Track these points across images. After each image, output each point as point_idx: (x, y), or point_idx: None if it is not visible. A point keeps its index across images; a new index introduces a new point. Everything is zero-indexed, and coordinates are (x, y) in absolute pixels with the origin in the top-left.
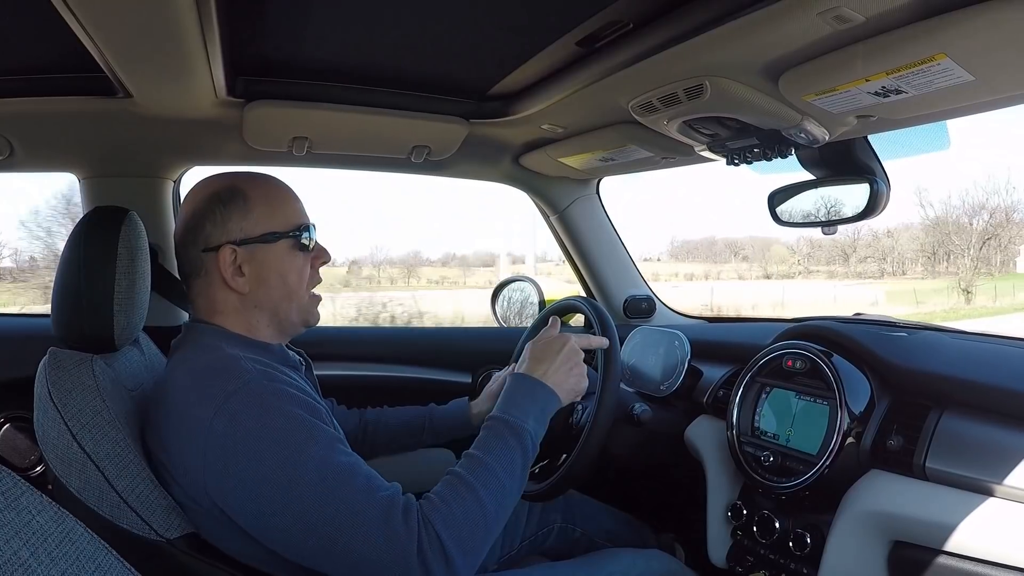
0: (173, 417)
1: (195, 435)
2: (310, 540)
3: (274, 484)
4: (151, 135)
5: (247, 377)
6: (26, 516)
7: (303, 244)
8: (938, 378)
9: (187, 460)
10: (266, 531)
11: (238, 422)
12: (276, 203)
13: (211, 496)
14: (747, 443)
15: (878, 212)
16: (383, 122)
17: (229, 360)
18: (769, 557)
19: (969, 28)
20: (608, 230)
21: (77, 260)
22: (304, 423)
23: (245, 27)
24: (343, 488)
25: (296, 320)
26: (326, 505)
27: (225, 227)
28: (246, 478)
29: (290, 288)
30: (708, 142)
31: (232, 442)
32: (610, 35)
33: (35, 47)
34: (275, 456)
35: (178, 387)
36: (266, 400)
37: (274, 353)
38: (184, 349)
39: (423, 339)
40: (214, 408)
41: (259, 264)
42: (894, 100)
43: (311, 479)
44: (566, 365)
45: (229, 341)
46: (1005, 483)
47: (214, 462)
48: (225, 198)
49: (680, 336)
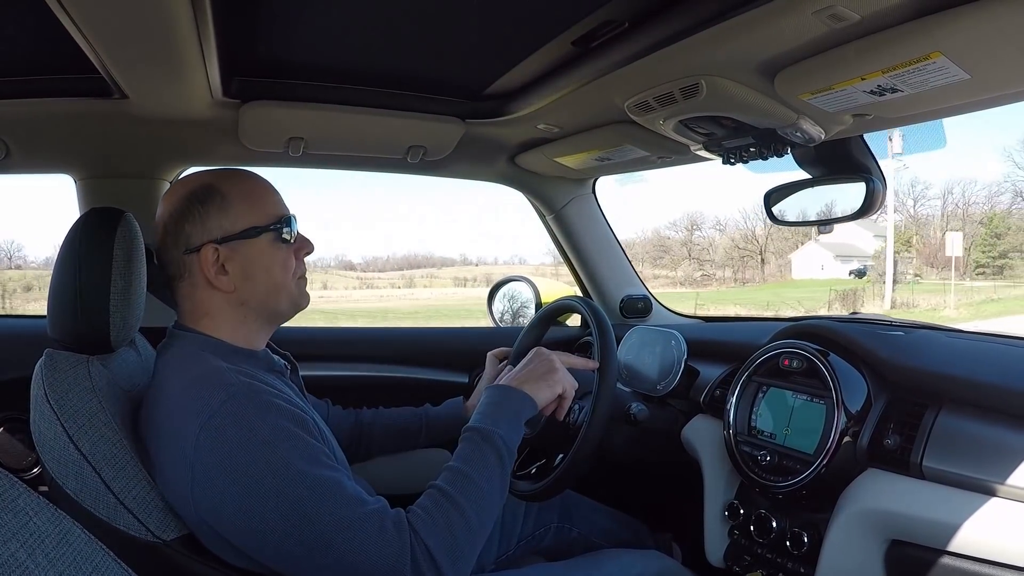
0: (159, 429)
1: (181, 450)
2: (300, 553)
3: (261, 499)
4: (147, 136)
5: (232, 391)
6: (23, 518)
7: (285, 236)
8: (935, 377)
9: (174, 473)
10: (256, 546)
11: (224, 437)
12: (254, 197)
13: (198, 510)
14: (744, 442)
15: (874, 211)
16: (379, 122)
17: (213, 373)
18: (766, 556)
19: (964, 26)
20: (604, 230)
21: (73, 261)
22: (289, 436)
23: (241, 28)
24: (331, 501)
25: (287, 308)
26: (315, 519)
27: (205, 226)
28: (233, 493)
29: (276, 281)
30: (704, 141)
31: (218, 457)
32: (605, 35)
33: (31, 48)
34: (261, 471)
35: (163, 399)
36: (251, 414)
37: (259, 360)
38: (169, 357)
39: (419, 339)
40: (200, 423)
41: (243, 260)
42: (890, 99)
43: (298, 493)
44: (538, 369)
45: (213, 349)
46: (1002, 481)
47: (201, 476)
48: (202, 197)
49: (677, 336)
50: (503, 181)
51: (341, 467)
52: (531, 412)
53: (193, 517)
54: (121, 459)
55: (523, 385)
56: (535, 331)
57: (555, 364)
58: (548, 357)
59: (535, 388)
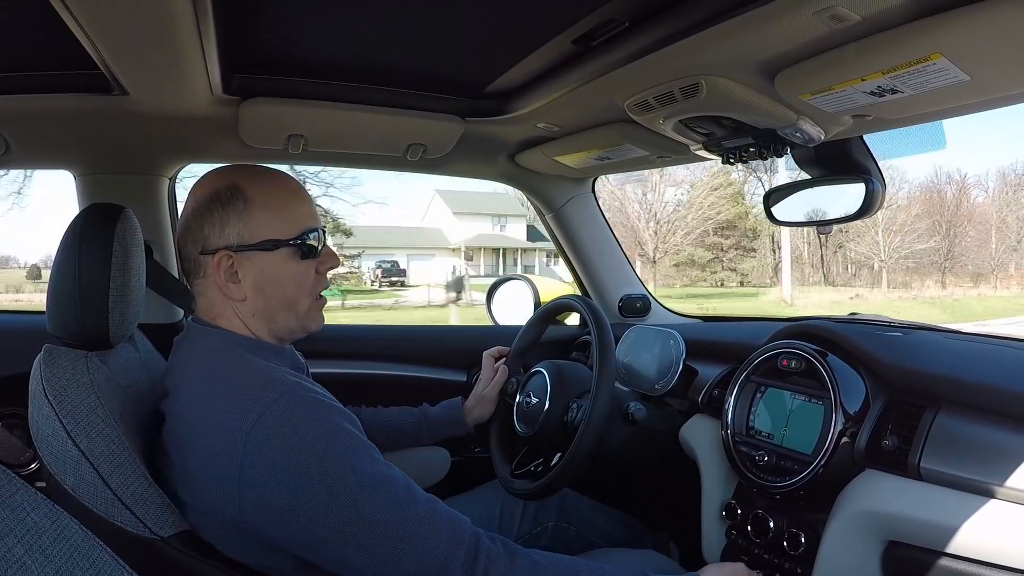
0: (195, 427)
1: (228, 447)
2: (350, 549)
3: (314, 495)
4: (147, 132)
5: (282, 388)
6: (20, 513)
7: (306, 250)
8: (933, 378)
9: (214, 470)
10: (307, 541)
11: (277, 434)
12: (278, 206)
13: (243, 508)
14: (742, 442)
15: (873, 211)
16: (379, 120)
17: (261, 372)
18: (763, 556)
19: (965, 28)
20: (604, 229)
21: (73, 257)
22: (343, 432)
23: (241, 24)
24: (384, 497)
25: (296, 328)
26: (369, 515)
27: (223, 231)
28: (286, 489)
29: (288, 298)
30: (704, 141)
31: (271, 456)
32: (606, 34)
33: (31, 44)
34: (315, 467)
35: (199, 395)
36: (304, 411)
37: (285, 357)
38: (192, 351)
39: (418, 337)
40: (251, 420)
41: (256, 272)
42: (890, 100)
43: (352, 490)
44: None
45: (243, 345)
46: (1000, 483)
47: (250, 473)
48: (224, 199)
49: (675, 335)
50: (503, 179)
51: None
52: None
53: (234, 515)
54: (119, 455)
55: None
56: (534, 330)
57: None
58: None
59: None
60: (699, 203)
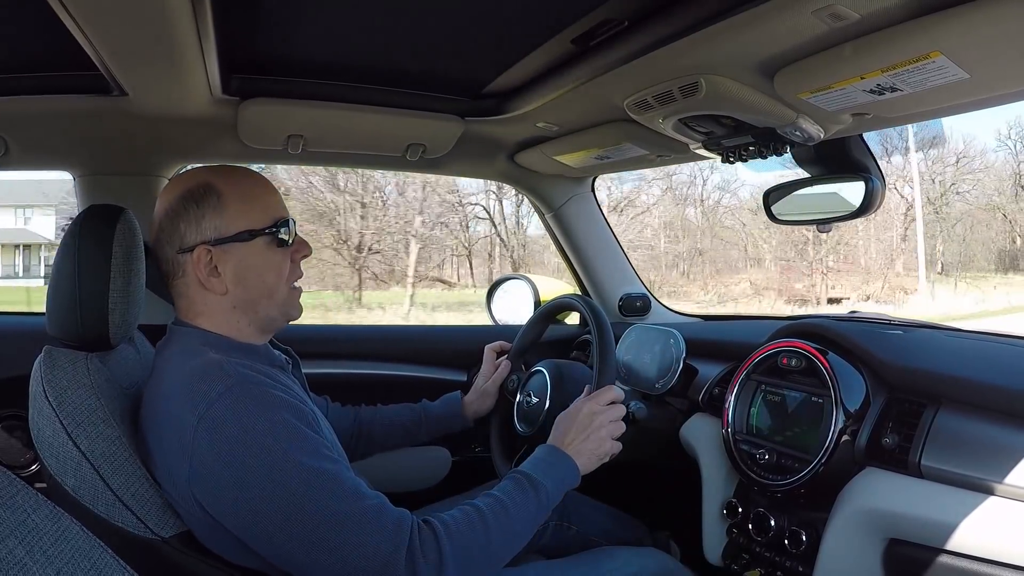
0: (158, 421)
1: (180, 441)
2: (294, 546)
3: (258, 490)
4: (146, 133)
5: (230, 381)
6: (21, 514)
7: (281, 240)
8: (933, 376)
9: (173, 465)
10: (254, 537)
11: (223, 428)
12: (251, 198)
13: (198, 501)
14: (742, 441)
15: (873, 210)
16: (378, 120)
17: (211, 364)
18: (764, 555)
19: (964, 26)
20: (603, 228)
21: (72, 258)
22: (288, 427)
23: (240, 25)
24: (328, 494)
25: (277, 316)
26: (312, 511)
27: (199, 227)
28: (231, 484)
29: (269, 286)
30: (703, 140)
31: (217, 448)
32: (604, 33)
33: (30, 45)
34: (259, 462)
35: (163, 392)
36: (249, 405)
37: (259, 355)
38: (168, 352)
39: (418, 337)
40: (198, 414)
41: (236, 263)
42: (889, 98)
43: (295, 485)
44: (586, 431)
45: (213, 344)
46: (1001, 481)
47: (199, 468)
48: (198, 196)
49: (675, 334)
50: (503, 179)
51: (341, 460)
52: (574, 484)
53: (192, 510)
54: (119, 456)
55: (577, 457)
56: (535, 329)
57: (604, 419)
58: (594, 411)
59: (584, 450)
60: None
